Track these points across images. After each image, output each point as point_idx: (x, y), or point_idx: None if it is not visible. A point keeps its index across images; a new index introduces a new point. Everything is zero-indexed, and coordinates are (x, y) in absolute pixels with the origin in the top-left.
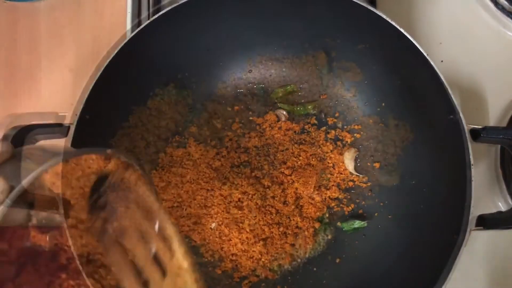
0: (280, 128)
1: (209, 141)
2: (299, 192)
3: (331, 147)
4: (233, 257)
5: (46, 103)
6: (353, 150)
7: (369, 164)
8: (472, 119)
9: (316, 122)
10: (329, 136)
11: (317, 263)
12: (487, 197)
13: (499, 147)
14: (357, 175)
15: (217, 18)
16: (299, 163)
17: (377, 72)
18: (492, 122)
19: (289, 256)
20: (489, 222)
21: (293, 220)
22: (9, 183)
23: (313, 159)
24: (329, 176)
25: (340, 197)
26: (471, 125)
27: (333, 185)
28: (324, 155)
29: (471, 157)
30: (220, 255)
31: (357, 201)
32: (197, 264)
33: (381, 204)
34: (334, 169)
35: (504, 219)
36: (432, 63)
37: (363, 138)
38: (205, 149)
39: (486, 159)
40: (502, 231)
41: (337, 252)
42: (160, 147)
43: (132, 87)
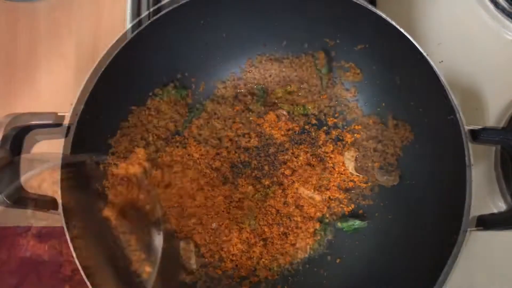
0: (280, 128)
1: (209, 141)
2: (299, 192)
3: (331, 147)
4: (233, 257)
5: (45, 103)
6: (353, 150)
7: (369, 164)
8: (471, 120)
9: (316, 122)
10: (329, 136)
11: (317, 263)
12: (487, 198)
13: (498, 147)
14: (357, 175)
15: (216, 18)
16: (299, 163)
17: (377, 72)
18: (491, 122)
19: (289, 256)
20: (488, 222)
21: (293, 220)
22: (7, 188)
23: (313, 159)
24: (329, 176)
25: (340, 197)
26: (470, 125)
27: (333, 185)
28: (324, 155)
29: (470, 157)
30: (220, 255)
31: (357, 201)
32: (198, 264)
33: (381, 204)
34: (334, 169)
35: (503, 220)
36: (431, 63)
37: (363, 138)
38: (205, 149)
39: (485, 159)
40: (501, 232)
41: (337, 252)
42: (160, 146)
43: (131, 87)
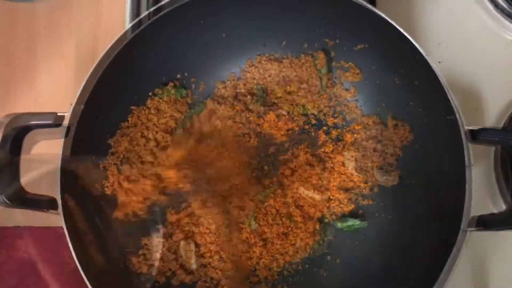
0: (280, 128)
1: (209, 141)
2: (299, 192)
3: (331, 147)
4: (233, 257)
5: (45, 103)
6: (352, 150)
7: (369, 164)
8: (470, 120)
9: (315, 122)
10: (329, 136)
11: (317, 263)
12: (486, 198)
13: (498, 147)
14: (357, 175)
15: (216, 18)
16: (299, 163)
17: (377, 72)
18: (490, 122)
19: (289, 256)
20: (488, 222)
21: (293, 220)
22: (7, 188)
23: (313, 159)
24: (329, 176)
25: (340, 197)
26: (469, 126)
27: (333, 185)
28: (324, 155)
29: (470, 157)
30: (220, 255)
31: (357, 201)
32: (198, 264)
33: (381, 204)
34: (334, 169)
35: (503, 220)
36: (431, 63)
37: (363, 138)
38: (205, 149)
39: (485, 159)
40: (501, 232)
41: (337, 252)
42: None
43: (131, 87)
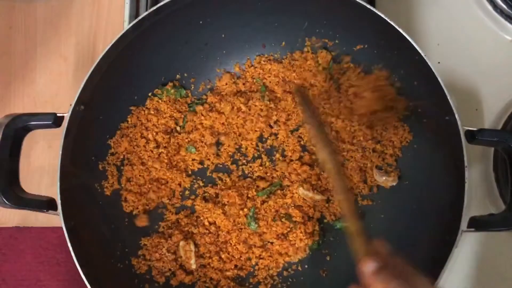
0: (279, 127)
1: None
2: (299, 192)
3: None
4: (232, 257)
5: (44, 103)
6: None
7: (368, 164)
8: (469, 121)
9: None
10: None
11: (317, 264)
12: (485, 198)
13: (497, 148)
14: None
15: (215, 18)
16: (299, 163)
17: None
18: (489, 123)
19: (289, 256)
20: (480, 223)
21: (293, 220)
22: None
23: (313, 160)
24: (328, 176)
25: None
26: (468, 126)
27: (332, 186)
28: None
29: (467, 158)
30: (220, 256)
31: (357, 201)
32: (197, 264)
33: (380, 204)
34: None
35: (495, 221)
36: (429, 64)
37: (363, 138)
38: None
39: (483, 161)
40: (493, 233)
41: (337, 252)
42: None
43: (131, 88)
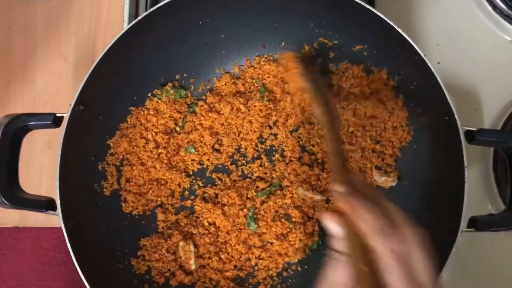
0: (279, 128)
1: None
2: (298, 192)
3: None
4: (232, 258)
5: (44, 103)
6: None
7: (367, 165)
8: (468, 121)
9: (315, 121)
10: None
11: (317, 264)
12: (485, 199)
13: (497, 148)
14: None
15: (215, 18)
16: (299, 163)
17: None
18: (488, 124)
19: (288, 257)
20: (480, 224)
21: (293, 220)
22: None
23: (313, 160)
24: (327, 176)
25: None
26: (467, 126)
27: (332, 186)
28: (323, 156)
29: (465, 158)
30: (219, 256)
31: None
32: (197, 265)
33: None
34: None
35: (495, 221)
36: (429, 64)
37: (362, 138)
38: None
39: (482, 161)
40: (492, 233)
41: None
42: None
43: (130, 88)
